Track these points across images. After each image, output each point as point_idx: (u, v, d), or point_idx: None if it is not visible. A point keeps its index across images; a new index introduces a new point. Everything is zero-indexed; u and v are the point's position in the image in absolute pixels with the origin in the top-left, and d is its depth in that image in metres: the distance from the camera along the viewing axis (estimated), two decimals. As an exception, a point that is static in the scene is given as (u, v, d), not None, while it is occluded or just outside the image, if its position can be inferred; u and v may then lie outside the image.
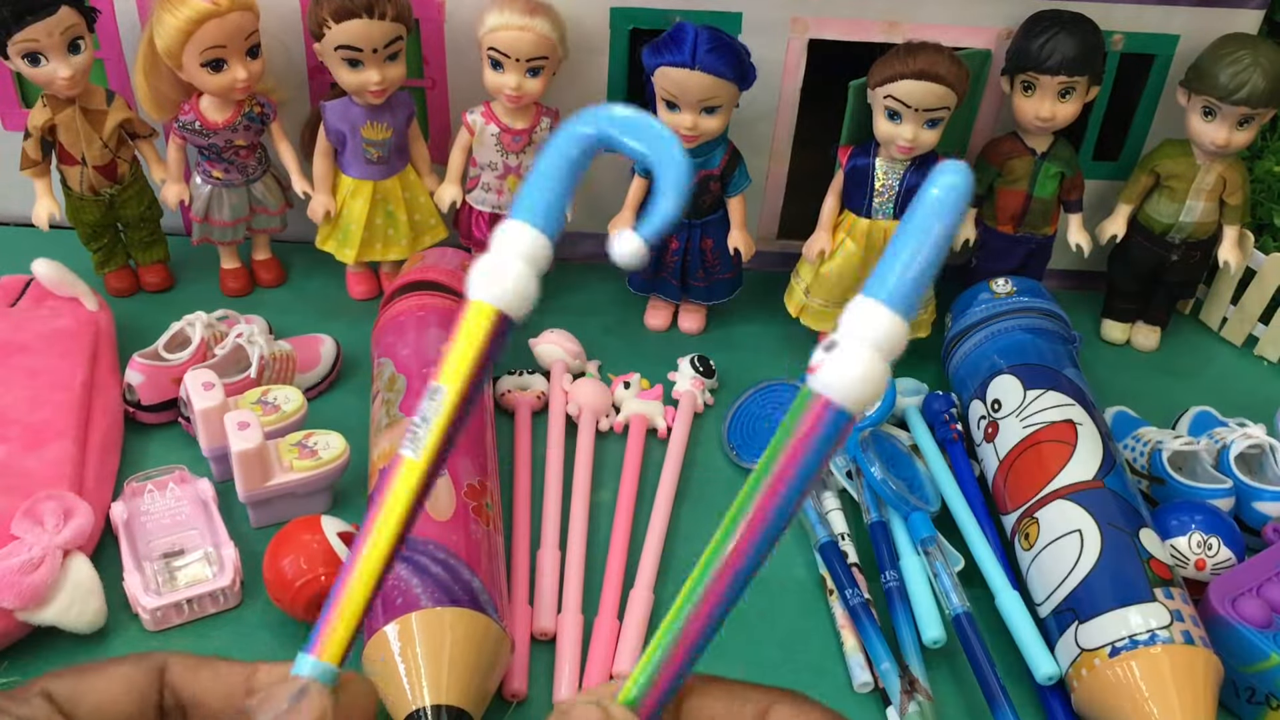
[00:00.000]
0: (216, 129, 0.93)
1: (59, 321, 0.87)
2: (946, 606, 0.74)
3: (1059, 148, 0.95)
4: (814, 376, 0.27)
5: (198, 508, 0.77)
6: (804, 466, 0.27)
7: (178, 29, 0.85)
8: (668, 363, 0.96)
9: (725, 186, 0.94)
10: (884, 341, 0.26)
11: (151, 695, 0.31)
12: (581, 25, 0.94)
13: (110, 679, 0.31)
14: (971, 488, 0.82)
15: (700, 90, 0.86)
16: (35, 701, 0.29)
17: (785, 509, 0.27)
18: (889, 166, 0.91)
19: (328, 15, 0.86)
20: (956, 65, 0.85)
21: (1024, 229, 0.98)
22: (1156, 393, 0.97)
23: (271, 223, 1.01)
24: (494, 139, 0.95)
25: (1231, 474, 0.81)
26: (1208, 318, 1.07)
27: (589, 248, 1.08)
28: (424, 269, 0.89)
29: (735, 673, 0.33)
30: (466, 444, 0.76)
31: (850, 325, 0.27)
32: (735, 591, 0.29)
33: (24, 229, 1.01)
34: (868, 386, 0.27)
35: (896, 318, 0.26)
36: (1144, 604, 0.67)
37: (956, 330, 0.93)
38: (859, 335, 0.27)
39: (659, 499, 0.82)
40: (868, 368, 0.26)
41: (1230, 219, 0.97)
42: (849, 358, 0.26)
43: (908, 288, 0.26)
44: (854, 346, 0.27)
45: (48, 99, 0.90)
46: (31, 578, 0.68)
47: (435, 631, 0.63)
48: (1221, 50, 0.90)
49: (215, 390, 0.79)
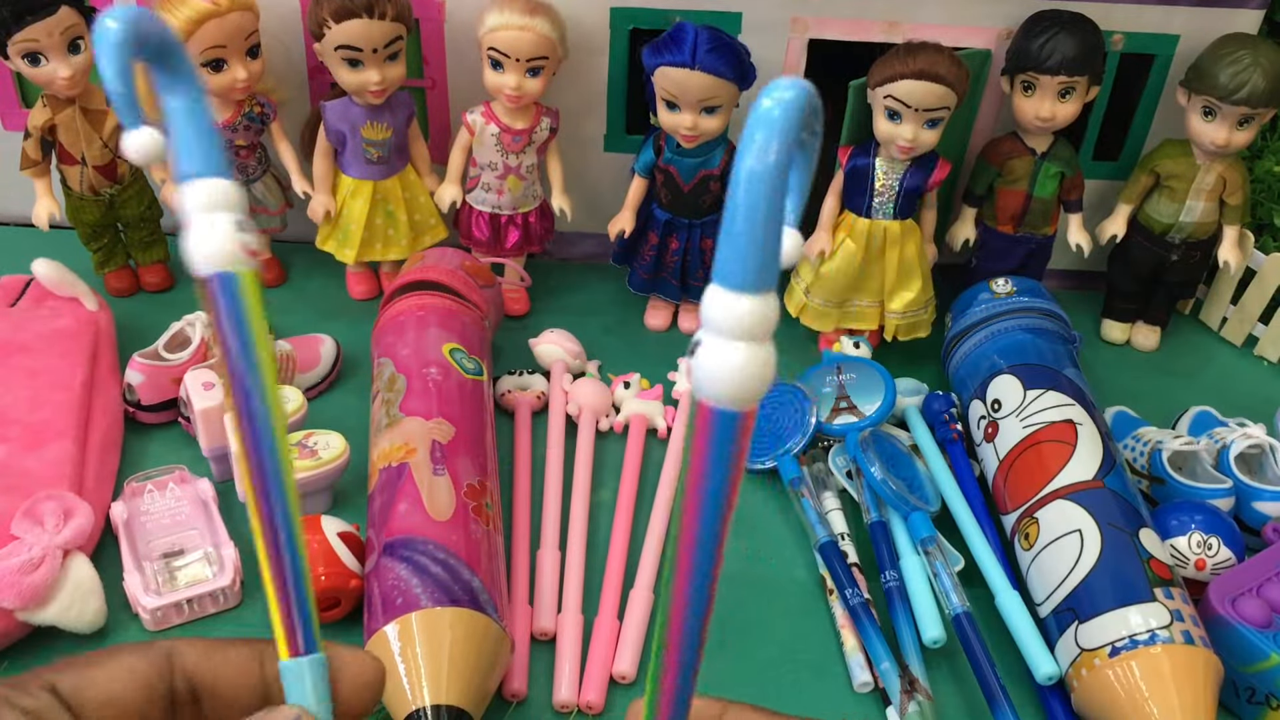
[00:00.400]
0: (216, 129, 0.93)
1: (59, 321, 0.87)
2: (946, 606, 0.74)
3: (1059, 148, 0.95)
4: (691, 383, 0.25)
5: (198, 508, 0.77)
6: (710, 477, 0.25)
7: (178, 29, 0.85)
8: (668, 363, 0.96)
9: (725, 186, 0.94)
10: (740, 327, 0.24)
11: (159, 684, 0.30)
12: (581, 25, 0.94)
13: (115, 669, 0.30)
14: (971, 488, 0.82)
15: (700, 90, 0.86)
16: (39, 694, 0.29)
17: (711, 525, 0.26)
18: (889, 166, 0.91)
19: (328, 15, 0.86)
20: (956, 65, 0.85)
21: (1024, 229, 0.98)
22: (1156, 393, 0.97)
23: (271, 223, 1.01)
24: (494, 139, 0.95)
25: (1231, 474, 0.81)
26: (1208, 318, 1.07)
27: (589, 248, 1.08)
28: (424, 269, 0.89)
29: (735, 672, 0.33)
30: (466, 444, 0.76)
31: (706, 319, 0.25)
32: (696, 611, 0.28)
33: (24, 229, 1.01)
34: (740, 378, 0.24)
35: (744, 297, 0.24)
36: (1144, 604, 0.67)
37: (956, 330, 0.93)
38: (715, 329, 0.24)
39: (659, 499, 0.82)
40: (732, 359, 0.24)
41: (1230, 219, 0.97)
42: (710, 355, 0.24)
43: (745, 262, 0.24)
44: (712, 342, 0.24)
45: (48, 99, 0.90)
46: (31, 578, 0.68)
47: (435, 631, 0.63)
48: (1221, 50, 0.90)
49: (215, 390, 0.79)
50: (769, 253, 0.24)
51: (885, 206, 0.92)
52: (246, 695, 0.31)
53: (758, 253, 0.23)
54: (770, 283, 0.24)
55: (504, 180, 0.96)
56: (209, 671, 0.31)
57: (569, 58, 0.93)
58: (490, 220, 0.98)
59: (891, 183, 0.91)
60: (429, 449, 0.74)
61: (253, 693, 0.31)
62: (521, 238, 0.99)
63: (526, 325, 0.99)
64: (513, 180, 0.97)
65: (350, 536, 0.72)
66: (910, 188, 0.91)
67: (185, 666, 0.31)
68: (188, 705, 0.31)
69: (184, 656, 0.31)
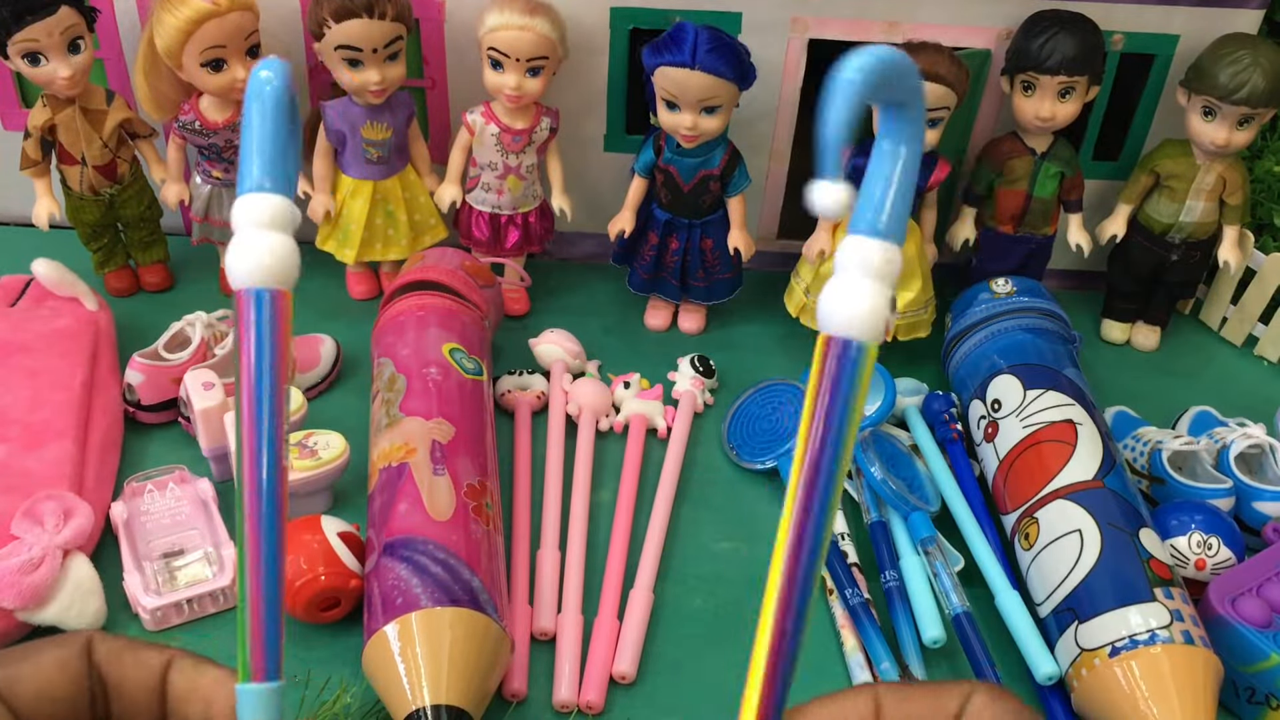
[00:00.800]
0: (216, 129, 0.93)
1: (59, 321, 0.87)
2: (946, 606, 0.74)
3: (1059, 148, 0.95)
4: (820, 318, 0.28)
5: (198, 508, 0.77)
6: (838, 407, 0.28)
7: (178, 29, 0.85)
8: (668, 363, 0.96)
9: (725, 186, 0.94)
10: (877, 268, 0.28)
11: (84, 678, 0.31)
12: (581, 25, 0.94)
13: (44, 662, 0.31)
14: (971, 488, 0.82)
15: (700, 90, 0.86)
16: None
17: (835, 454, 0.29)
18: (889, 166, 0.91)
19: (328, 15, 0.86)
20: (956, 65, 0.85)
21: (1024, 229, 0.98)
22: (1156, 393, 0.97)
23: (271, 223, 1.01)
24: (494, 139, 0.95)
25: (1231, 474, 0.81)
26: (1208, 318, 1.07)
27: (589, 248, 1.08)
28: (424, 269, 0.89)
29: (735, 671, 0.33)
30: (466, 444, 0.76)
31: (843, 261, 0.28)
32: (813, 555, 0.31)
33: (24, 229, 1.01)
34: (871, 313, 0.28)
35: (885, 243, 0.28)
36: (1144, 604, 0.67)
37: (956, 330, 0.93)
38: (853, 267, 0.28)
39: (659, 499, 0.82)
40: (867, 296, 0.28)
41: (1230, 219, 0.97)
42: (847, 290, 0.28)
43: (887, 213, 0.28)
44: (851, 278, 0.28)
45: (48, 99, 0.90)
46: (31, 578, 0.68)
47: (435, 631, 0.63)
48: (1221, 50, 0.90)
49: (215, 390, 0.79)
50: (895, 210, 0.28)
51: (885, 206, 0.92)
52: (145, 697, 0.32)
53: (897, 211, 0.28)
54: (898, 238, 0.28)
55: (504, 180, 0.96)
56: (116, 670, 0.32)
57: (569, 58, 0.93)
58: (490, 220, 0.98)
59: (891, 183, 0.91)
60: (429, 449, 0.74)
61: (152, 695, 0.32)
62: (521, 238, 0.99)
63: (526, 325, 0.99)
64: (513, 180, 0.97)
65: (350, 536, 0.72)
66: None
67: (98, 662, 0.32)
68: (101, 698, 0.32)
69: (97, 652, 0.32)
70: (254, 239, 0.30)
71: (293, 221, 0.30)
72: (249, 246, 0.30)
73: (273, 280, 0.30)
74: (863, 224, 0.28)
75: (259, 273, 0.30)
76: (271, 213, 0.30)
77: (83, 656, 0.31)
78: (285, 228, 0.30)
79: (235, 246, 0.29)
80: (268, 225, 0.30)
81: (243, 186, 0.30)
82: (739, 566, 0.79)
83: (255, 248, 0.30)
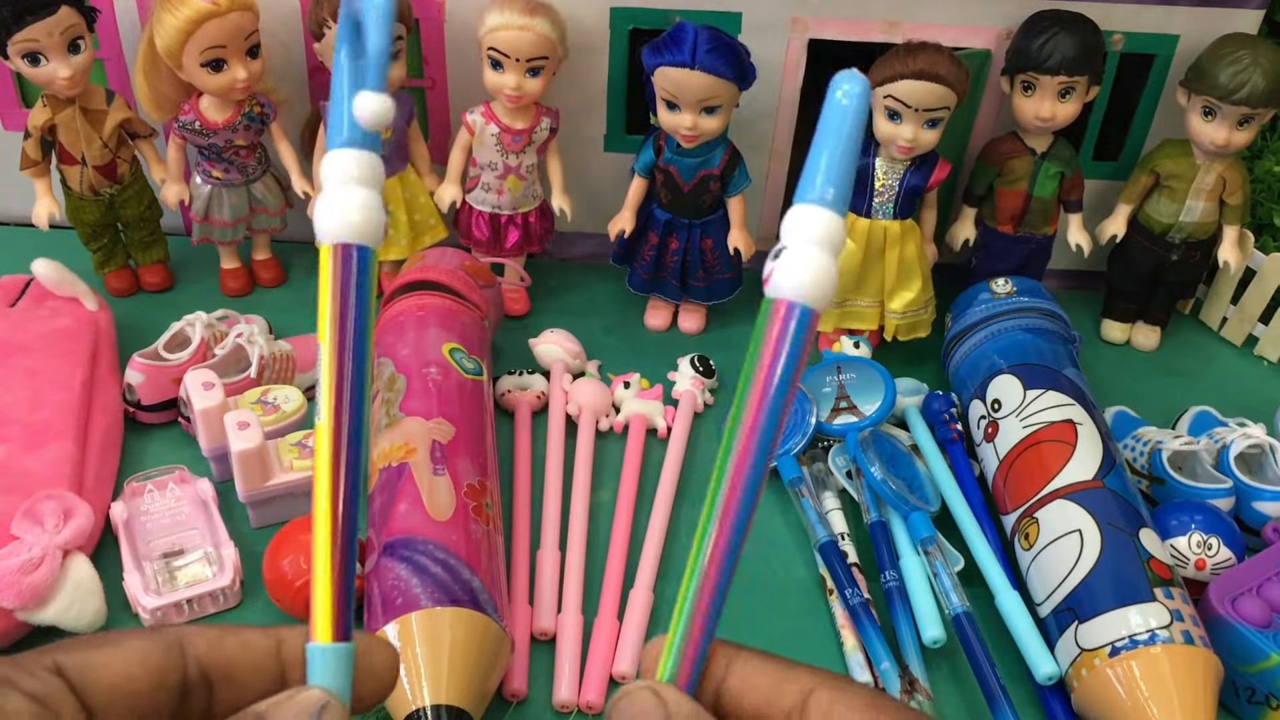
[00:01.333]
0: (216, 129, 0.93)
1: (59, 321, 0.87)
2: (946, 606, 0.74)
3: (1059, 148, 0.95)
4: (770, 286, 0.29)
5: (198, 508, 0.77)
6: (781, 371, 0.29)
7: (178, 29, 0.85)
8: (668, 363, 0.96)
9: (725, 186, 0.94)
10: (825, 238, 0.29)
11: (170, 673, 0.29)
12: (581, 25, 0.94)
13: (125, 653, 0.29)
14: (971, 488, 0.82)
15: (700, 90, 0.86)
16: (44, 676, 0.27)
17: (772, 418, 0.29)
18: (889, 166, 0.91)
19: (328, 15, 0.86)
20: (956, 65, 0.85)
21: (1024, 229, 0.98)
22: (1156, 393, 0.97)
23: (271, 223, 1.01)
24: (494, 139, 0.95)
25: (1231, 474, 0.81)
26: (1208, 318, 1.07)
27: (589, 248, 1.08)
28: (424, 269, 0.89)
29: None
30: (466, 444, 0.76)
31: (791, 230, 0.29)
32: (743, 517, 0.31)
33: (24, 229, 1.01)
34: (820, 280, 0.29)
35: (830, 213, 0.29)
36: (1144, 604, 0.67)
37: (956, 330, 0.93)
38: (802, 236, 0.29)
39: (659, 499, 0.82)
40: (816, 264, 0.29)
41: (1230, 219, 0.97)
42: (797, 258, 0.29)
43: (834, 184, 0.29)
44: (800, 247, 0.29)
45: (48, 99, 0.90)
46: (31, 578, 0.68)
47: (435, 631, 0.63)
48: (1221, 50, 0.90)
49: (215, 390, 0.79)
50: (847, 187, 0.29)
51: (885, 206, 0.92)
52: (262, 682, 0.30)
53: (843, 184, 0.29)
54: (845, 211, 0.29)
55: (504, 180, 0.96)
56: (222, 658, 0.30)
57: (569, 58, 0.93)
58: (490, 220, 0.98)
59: (891, 183, 0.91)
60: (429, 449, 0.74)
61: (268, 678, 0.30)
62: (521, 238, 0.99)
63: (526, 325, 0.99)
64: (513, 180, 0.97)
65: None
66: (910, 188, 0.91)
67: (197, 655, 0.30)
68: (198, 692, 0.30)
69: (195, 645, 0.30)
70: (343, 195, 0.30)
71: (379, 178, 0.30)
72: (339, 202, 0.30)
73: (362, 237, 0.30)
74: (808, 194, 0.29)
75: (348, 229, 0.30)
76: (360, 168, 0.30)
77: (168, 652, 0.29)
78: (375, 184, 0.30)
79: (325, 202, 0.30)
80: (356, 180, 0.30)
81: (333, 142, 0.30)
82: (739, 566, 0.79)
83: (345, 203, 0.30)
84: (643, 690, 0.29)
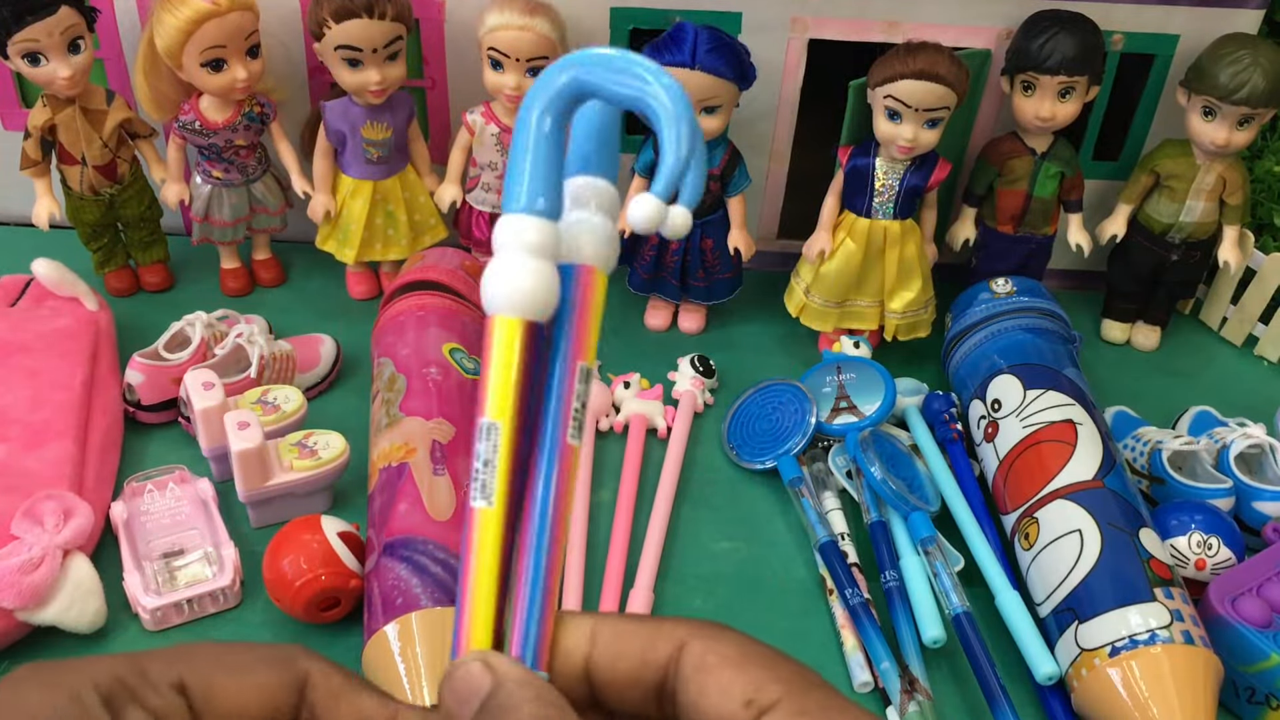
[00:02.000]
0: (216, 129, 0.93)
1: (59, 321, 0.87)
2: (946, 606, 0.74)
3: (1059, 148, 0.95)
4: (485, 300, 0.29)
5: (198, 508, 0.77)
6: (491, 382, 0.29)
7: (178, 29, 0.85)
8: (668, 363, 0.96)
9: (725, 186, 0.94)
10: (529, 243, 0.28)
11: (286, 711, 0.29)
12: (581, 25, 0.94)
13: (249, 683, 0.28)
14: (971, 488, 0.82)
15: (700, 90, 0.86)
16: (169, 695, 0.27)
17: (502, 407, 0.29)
18: (889, 166, 0.91)
19: (328, 15, 0.86)
20: (956, 65, 0.85)
21: (1024, 229, 0.98)
22: (1156, 393, 0.97)
23: (271, 223, 1.01)
24: (494, 139, 0.95)
25: (1231, 474, 0.81)
26: (1208, 318, 1.06)
27: (589, 248, 1.08)
28: (424, 269, 0.89)
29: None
30: (467, 444, 0.75)
31: (498, 242, 0.29)
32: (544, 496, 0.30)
33: (24, 229, 1.01)
34: (527, 285, 0.28)
35: (528, 217, 0.28)
36: (1144, 604, 0.67)
37: (956, 330, 0.93)
38: (506, 245, 0.28)
39: (659, 499, 0.82)
40: (521, 269, 0.28)
41: (1230, 219, 0.97)
42: (502, 268, 0.28)
43: (527, 186, 0.29)
44: (505, 256, 0.28)
45: (48, 99, 0.90)
46: (31, 578, 0.68)
47: (435, 631, 0.63)
48: (1221, 50, 0.90)
49: (215, 390, 0.79)
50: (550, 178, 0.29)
51: (885, 206, 0.92)
52: None
53: (537, 179, 0.29)
54: (539, 205, 0.28)
55: (504, 180, 0.96)
56: (330, 715, 0.29)
57: (569, 58, 0.93)
58: (490, 220, 0.98)
59: (891, 183, 0.91)
60: (429, 449, 0.74)
61: None
62: (521, 238, 0.99)
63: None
64: (513, 180, 0.96)
65: (350, 536, 0.72)
66: (910, 188, 0.91)
67: (314, 702, 0.29)
68: None
69: (317, 690, 0.29)
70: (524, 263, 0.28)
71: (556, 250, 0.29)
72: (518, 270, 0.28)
73: (534, 312, 0.29)
74: (512, 203, 0.29)
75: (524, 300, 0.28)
76: (543, 237, 0.29)
77: (291, 690, 0.29)
78: (552, 255, 0.29)
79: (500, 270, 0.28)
80: (536, 250, 0.29)
81: (514, 205, 0.29)
82: (739, 566, 0.79)
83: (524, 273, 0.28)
84: (472, 661, 0.28)
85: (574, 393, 0.29)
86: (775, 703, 0.27)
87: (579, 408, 0.29)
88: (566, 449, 0.29)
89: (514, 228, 0.29)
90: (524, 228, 0.29)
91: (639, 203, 0.28)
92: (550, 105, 0.29)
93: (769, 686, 0.28)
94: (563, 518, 0.29)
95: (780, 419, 0.87)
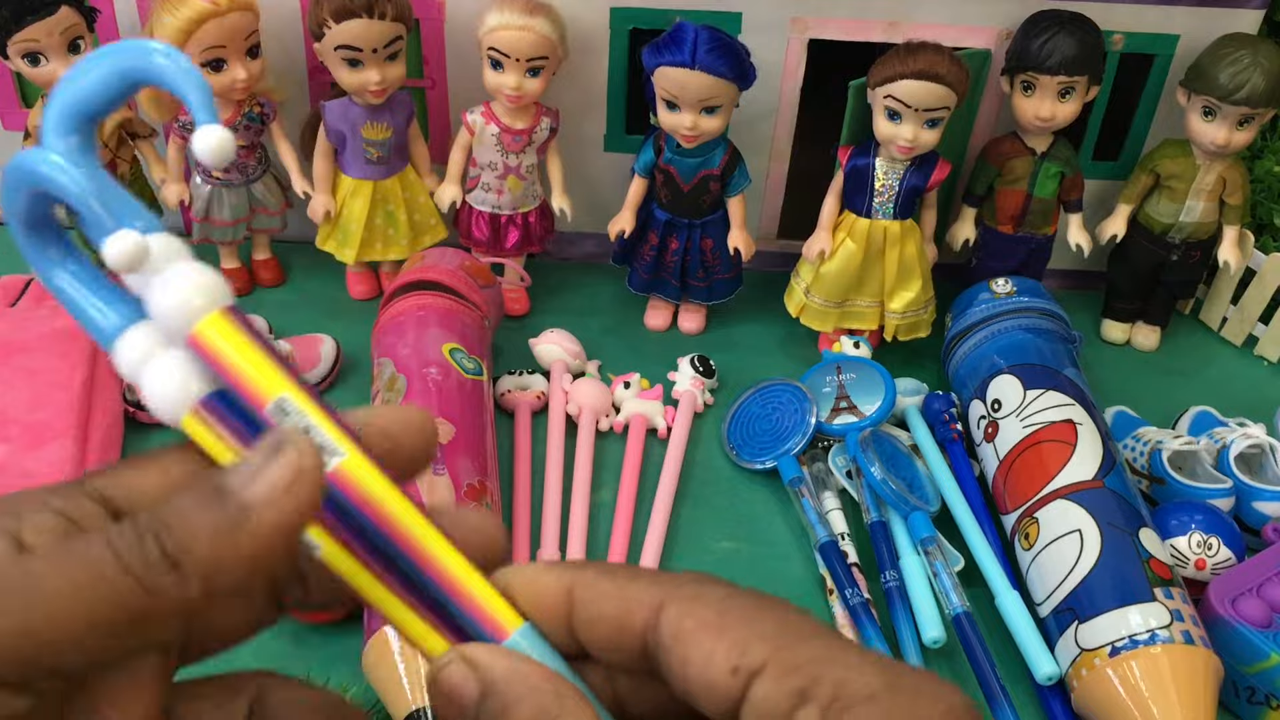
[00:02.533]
0: (216, 129, 0.93)
1: (59, 321, 0.87)
2: (946, 606, 0.74)
3: (1059, 148, 0.95)
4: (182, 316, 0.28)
5: (198, 508, 0.77)
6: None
7: (177, 29, 0.85)
8: (668, 363, 0.95)
9: (725, 186, 0.94)
10: (177, 250, 0.29)
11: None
12: (581, 25, 0.94)
13: (147, 473, 0.29)
14: (971, 488, 0.82)
15: (700, 90, 0.86)
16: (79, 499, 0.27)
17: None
18: (889, 167, 0.91)
19: (328, 15, 0.86)
20: (956, 65, 0.85)
21: (1024, 229, 0.98)
22: (1156, 393, 0.97)
23: (271, 223, 1.01)
24: (494, 139, 0.95)
25: (1231, 474, 0.81)
26: (1208, 318, 1.06)
27: (589, 248, 1.08)
28: (424, 269, 0.89)
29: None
30: (466, 444, 0.76)
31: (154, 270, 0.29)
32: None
33: (24, 229, 1.01)
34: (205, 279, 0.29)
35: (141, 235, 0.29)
36: (1144, 604, 0.67)
37: (956, 330, 0.93)
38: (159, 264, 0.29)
39: (659, 499, 0.82)
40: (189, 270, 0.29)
41: (1230, 219, 0.97)
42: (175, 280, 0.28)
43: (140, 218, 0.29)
44: (167, 273, 0.29)
45: (47, 99, 0.90)
46: (31, 578, 0.68)
47: (435, 631, 0.63)
48: (1221, 50, 0.90)
49: (215, 390, 0.79)
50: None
51: (885, 206, 0.92)
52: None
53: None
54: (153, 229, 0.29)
55: (504, 180, 0.96)
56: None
57: (569, 58, 0.93)
58: (490, 220, 0.98)
59: (891, 183, 0.91)
60: (429, 449, 0.73)
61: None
62: (521, 238, 0.99)
63: (526, 325, 0.99)
64: (513, 180, 0.97)
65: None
66: (910, 188, 0.91)
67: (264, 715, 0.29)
68: None
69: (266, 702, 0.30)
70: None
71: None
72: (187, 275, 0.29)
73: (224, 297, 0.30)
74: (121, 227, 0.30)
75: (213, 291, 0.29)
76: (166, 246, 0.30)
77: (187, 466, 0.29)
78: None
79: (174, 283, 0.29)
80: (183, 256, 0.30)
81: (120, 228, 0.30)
82: (739, 566, 0.79)
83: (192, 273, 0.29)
84: (455, 662, 0.28)
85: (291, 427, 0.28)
86: (762, 665, 0.25)
87: (306, 428, 0.27)
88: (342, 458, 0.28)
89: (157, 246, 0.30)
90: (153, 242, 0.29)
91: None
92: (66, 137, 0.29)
93: (754, 646, 0.26)
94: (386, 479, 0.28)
95: (780, 419, 0.87)
